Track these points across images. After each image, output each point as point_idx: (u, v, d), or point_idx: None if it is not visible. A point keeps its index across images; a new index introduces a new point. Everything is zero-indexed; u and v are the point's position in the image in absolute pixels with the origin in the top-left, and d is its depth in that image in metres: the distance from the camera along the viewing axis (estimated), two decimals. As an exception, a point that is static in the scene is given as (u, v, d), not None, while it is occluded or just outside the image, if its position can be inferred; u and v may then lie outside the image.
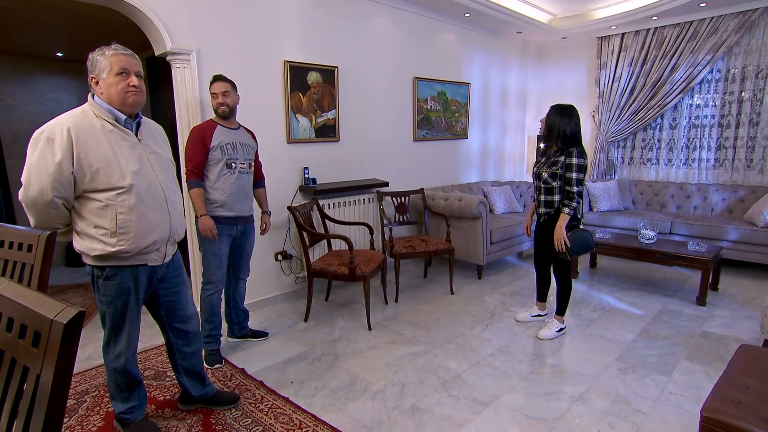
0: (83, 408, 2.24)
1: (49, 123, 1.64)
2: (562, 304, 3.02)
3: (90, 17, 3.47)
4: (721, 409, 1.48)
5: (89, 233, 1.71)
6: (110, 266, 1.77)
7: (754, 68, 4.68)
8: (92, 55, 1.72)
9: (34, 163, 1.61)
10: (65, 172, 1.61)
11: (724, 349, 2.81)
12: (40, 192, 1.61)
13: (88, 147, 1.64)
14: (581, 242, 2.86)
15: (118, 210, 1.70)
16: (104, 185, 1.67)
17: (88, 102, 1.74)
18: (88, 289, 4.13)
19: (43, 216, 1.67)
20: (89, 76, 1.73)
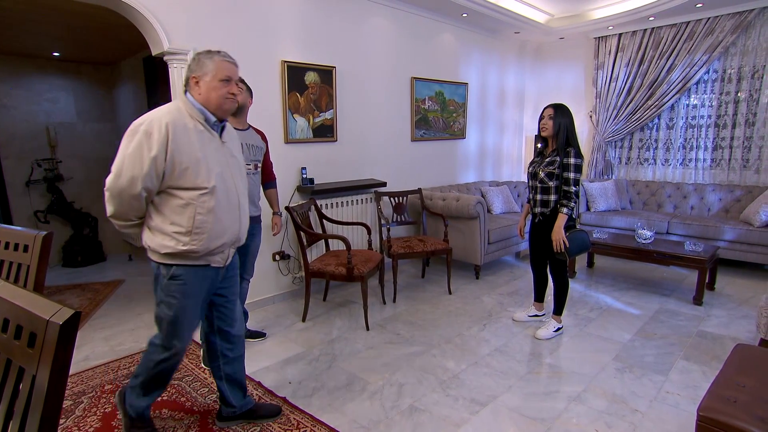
0: (80, 409, 2.23)
1: (147, 116, 1.65)
2: (559, 304, 3.03)
3: (87, 17, 3.46)
4: (717, 409, 1.49)
5: (164, 229, 1.70)
6: (176, 265, 1.74)
7: (750, 68, 4.70)
8: (199, 55, 1.75)
9: (130, 154, 1.61)
10: (158, 167, 1.62)
11: (721, 349, 2.82)
12: (131, 183, 1.61)
13: (182, 145, 1.65)
14: (579, 242, 2.87)
15: (198, 210, 1.69)
16: (189, 184, 1.67)
17: (180, 100, 1.75)
18: (85, 290, 4.12)
19: (125, 207, 1.66)
20: (190, 75, 1.74)
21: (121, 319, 3.43)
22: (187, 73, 1.77)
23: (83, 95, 5.27)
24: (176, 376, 2.53)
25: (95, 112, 5.38)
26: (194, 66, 1.74)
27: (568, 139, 2.78)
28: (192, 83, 1.74)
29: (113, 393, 2.37)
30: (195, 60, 1.75)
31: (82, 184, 5.32)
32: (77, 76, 5.20)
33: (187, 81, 1.77)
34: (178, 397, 2.33)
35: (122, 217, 1.70)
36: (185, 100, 1.74)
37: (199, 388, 2.42)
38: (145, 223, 1.74)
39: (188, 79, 1.75)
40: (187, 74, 1.76)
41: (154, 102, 4.45)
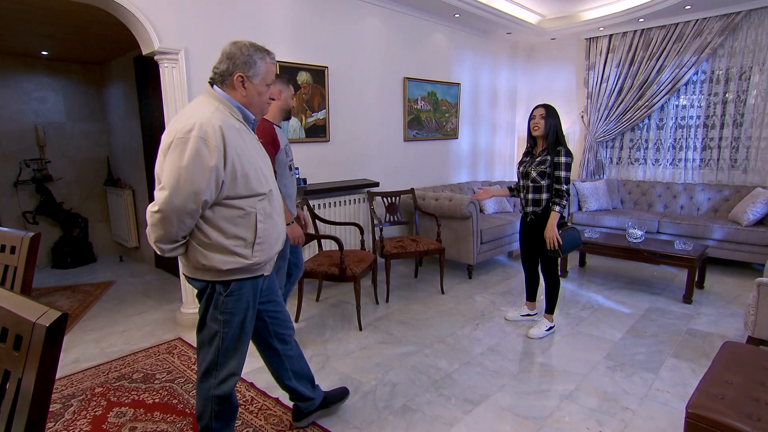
0: (69, 412, 2.21)
1: (190, 119, 1.42)
2: (551, 303, 3.05)
3: (76, 16, 3.42)
4: (705, 406, 1.51)
5: (223, 245, 1.50)
6: (235, 280, 1.57)
7: (738, 70, 4.76)
8: (249, 52, 1.53)
9: (186, 166, 1.37)
10: (218, 177, 1.43)
11: (710, 346, 2.86)
12: (190, 198, 1.39)
13: (238, 148, 1.47)
14: (571, 240, 2.90)
15: (258, 218, 1.53)
16: (248, 191, 1.50)
17: (213, 97, 1.54)
18: (75, 291, 4.07)
19: (176, 227, 1.43)
20: (235, 72, 1.53)
21: (111, 320, 3.39)
22: (230, 68, 1.53)
23: (72, 95, 5.21)
24: (168, 378, 2.52)
25: (85, 112, 5.32)
26: (242, 62, 1.52)
27: (558, 138, 2.81)
28: (236, 81, 1.54)
29: (104, 396, 2.35)
30: (243, 55, 1.53)
31: (71, 185, 5.26)
32: (66, 76, 5.14)
33: (225, 75, 1.54)
34: (170, 399, 2.32)
35: (171, 239, 1.46)
36: (221, 98, 1.54)
37: (192, 390, 2.40)
38: (194, 241, 1.51)
39: (230, 74, 1.53)
40: (230, 69, 1.53)
41: (146, 102, 4.41)
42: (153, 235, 1.46)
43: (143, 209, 4.90)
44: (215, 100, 1.53)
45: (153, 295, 3.98)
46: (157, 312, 3.55)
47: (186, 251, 1.54)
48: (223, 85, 1.56)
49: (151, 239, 1.47)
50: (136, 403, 2.28)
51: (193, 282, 1.62)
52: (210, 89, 1.56)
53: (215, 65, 1.57)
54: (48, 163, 4.99)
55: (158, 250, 1.50)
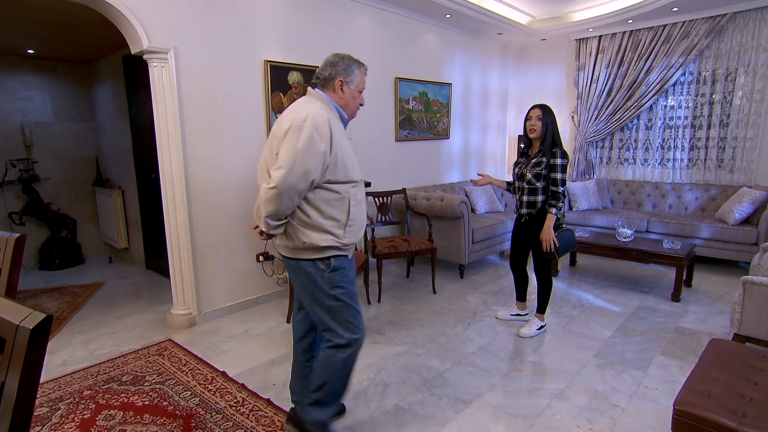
0: (57, 416, 2.18)
1: (304, 111, 1.65)
2: (543, 302, 3.06)
3: (63, 14, 3.37)
4: (692, 402, 1.53)
5: (321, 224, 1.70)
6: (333, 256, 1.76)
7: (724, 71, 4.83)
8: (349, 62, 1.80)
9: (301, 149, 1.60)
10: (326, 161, 1.65)
11: (697, 344, 2.90)
12: (303, 177, 1.61)
13: (339, 140, 1.70)
14: (567, 241, 2.90)
15: (351, 202, 1.74)
16: (344, 177, 1.72)
17: (317, 98, 1.78)
18: (63, 293, 4.02)
19: (287, 204, 1.64)
20: (337, 78, 1.77)
21: (100, 322, 3.35)
22: (332, 74, 1.78)
23: (60, 94, 5.14)
24: (158, 380, 2.50)
25: (73, 112, 5.26)
26: (342, 69, 1.78)
27: (554, 139, 2.80)
28: (336, 85, 1.78)
29: (92, 398, 2.32)
30: (344, 64, 1.78)
31: (59, 185, 5.19)
32: (53, 75, 5.07)
33: (327, 80, 1.78)
34: (160, 401, 2.30)
35: (280, 215, 1.67)
36: (323, 99, 1.78)
37: (182, 391, 2.38)
38: (295, 221, 1.71)
39: (332, 79, 1.78)
40: (332, 74, 1.78)
41: (135, 102, 4.36)
42: (264, 210, 1.65)
43: (133, 210, 4.87)
44: (318, 100, 1.77)
45: (143, 296, 3.94)
46: (147, 313, 3.52)
47: (286, 231, 1.74)
48: (324, 89, 1.81)
49: (263, 214, 1.66)
50: (125, 405, 2.26)
51: (292, 261, 1.79)
52: (312, 91, 1.81)
53: (318, 71, 1.82)
54: (35, 163, 4.92)
55: (265, 226, 1.68)
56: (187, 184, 3.12)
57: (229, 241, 3.43)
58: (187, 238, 3.15)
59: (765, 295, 2.42)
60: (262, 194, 1.65)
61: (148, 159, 4.18)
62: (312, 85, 1.83)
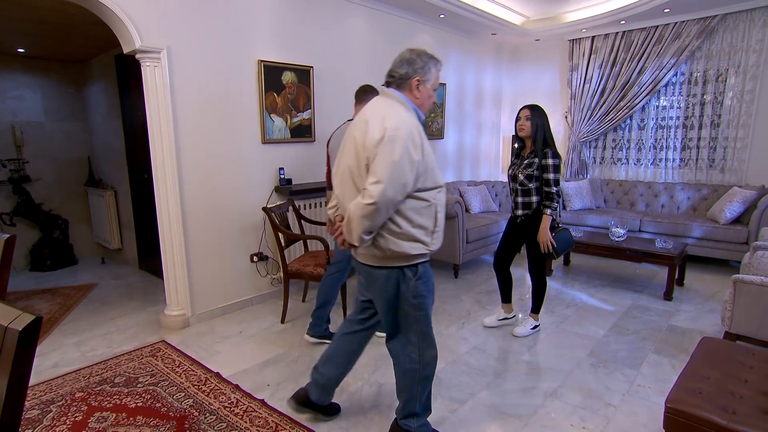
0: (48, 418, 2.16)
1: (393, 118, 1.58)
2: (537, 302, 3.07)
3: (54, 13, 3.35)
4: (683, 400, 1.54)
5: (411, 233, 1.66)
6: (421, 263, 1.75)
7: (715, 72, 4.88)
8: (425, 59, 1.72)
9: (398, 160, 1.53)
10: (419, 170, 1.60)
11: (689, 342, 2.92)
12: (400, 190, 1.56)
13: (426, 145, 1.64)
14: (564, 241, 2.90)
15: (438, 209, 1.70)
16: (433, 183, 1.67)
17: (393, 98, 1.70)
18: (55, 294, 3.99)
19: (384, 218, 1.59)
20: (414, 76, 1.70)
21: (93, 324, 3.33)
22: (409, 72, 1.70)
23: (51, 93, 5.09)
24: (151, 381, 2.48)
25: (64, 111, 5.21)
26: (419, 68, 1.70)
27: (546, 139, 2.80)
28: (413, 84, 1.70)
29: (84, 400, 2.30)
30: (421, 61, 1.70)
31: (51, 186, 5.15)
32: (45, 74, 5.03)
33: (404, 79, 1.70)
34: (153, 402, 2.28)
35: (374, 229, 1.62)
36: (401, 100, 1.70)
37: (175, 393, 2.37)
38: (384, 231, 1.65)
39: (409, 78, 1.70)
40: (409, 73, 1.70)
41: (128, 102, 4.33)
42: (361, 227, 1.59)
43: (126, 210, 4.83)
44: (399, 104, 1.68)
45: (136, 297, 3.91)
46: (141, 314, 3.50)
47: (374, 241, 1.68)
48: (400, 88, 1.72)
49: (358, 231, 1.60)
50: (117, 407, 2.25)
51: (377, 270, 1.74)
52: (388, 91, 1.72)
53: (393, 69, 1.73)
54: (26, 164, 4.87)
55: (359, 241, 1.63)
56: (180, 184, 3.10)
57: (223, 241, 3.41)
58: (180, 238, 3.13)
59: (755, 294, 2.45)
60: (357, 210, 1.57)
61: (141, 159, 4.15)
62: (386, 84, 1.75)
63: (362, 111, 1.74)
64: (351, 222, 1.61)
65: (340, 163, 1.74)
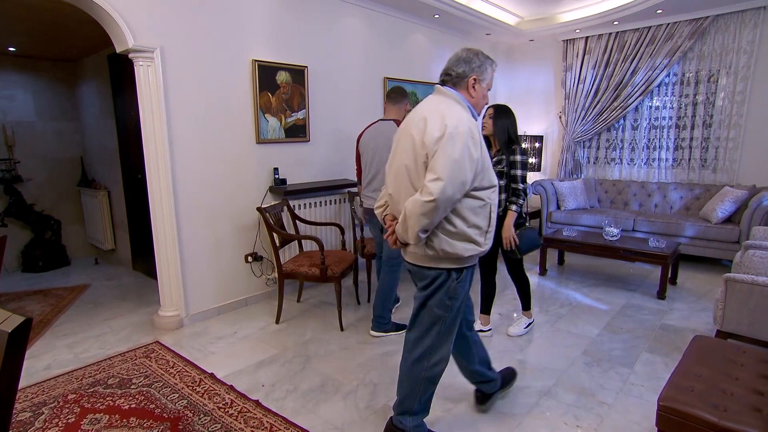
0: (40, 420, 2.14)
1: (453, 116, 1.59)
2: (525, 299, 3.07)
3: (45, 11, 3.32)
4: (676, 398, 1.55)
5: (466, 233, 1.65)
6: (467, 267, 1.74)
7: (707, 73, 4.92)
8: (482, 58, 1.73)
9: (458, 159, 1.53)
10: (477, 169, 1.60)
11: (682, 340, 2.94)
12: (460, 188, 1.56)
13: (483, 143, 1.64)
14: (529, 240, 2.82)
15: (492, 208, 1.69)
16: (489, 182, 1.66)
17: (450, 97, 1.70)
18: (47, 296, 3.95)
19: (440, 216, 1.58)
20: (471, 75, 1.70)
21: (86, 325, 3.30)
22: (466, 71, 1.71)
23: (43, 93, 5.05)
24: (145, 383, 2.47)
25: (56, 111, 5.17)
26: (476, 66, 1.71)
27: (511, 137, 2.76)
28: (470, 83, 1.71)
29: (77, 402, 2.28)
30: (478, 61, 1.71)
31: (43, 186, 5.10)
32: (36, 73, 4.98)
33: (461, 77, 1.71)
34: (147, 404, 2.27)
35: (431, 227, 1.61)
36: (457, 98, 1.70)
37: (169, 394, 2.36)
38: (439, 230, 1.64)
39: (466, 77, 1.71)
40: (466, 72, 1.71)
41: (121, 101, 4.31)
42: (419, 225, 1.57)
43: (119, 210, 4.80)
44: (456, 102, 1.69)
45: (130, 298, 3.89)
46: (134, 315, 3.48)
47: (427, 241, 1.66)
48: (456, 87, 1.73)
49: (416, 229, 1.59)
50: (111, 409, 2.23)
51: (425, 271, 1.73)
52: (445, 90, 1.72)
53: (450, 67, 1.73)
54: (17, 164, 4.82)
55: (415, 239, 1.62)
56: (174, 184, 3.08)
57: (217, 241, 3.40)
58: (174, 238, 3.12)
59: (746, 293, 2.47)
60: (416, 207, 1.56)
61: (135, 159, 4.13)
62: (442, 82, 1.76)
63: (417, 109, 1.73)
64: (408, 219, 1.59)
65: (393, 162, 1.73)
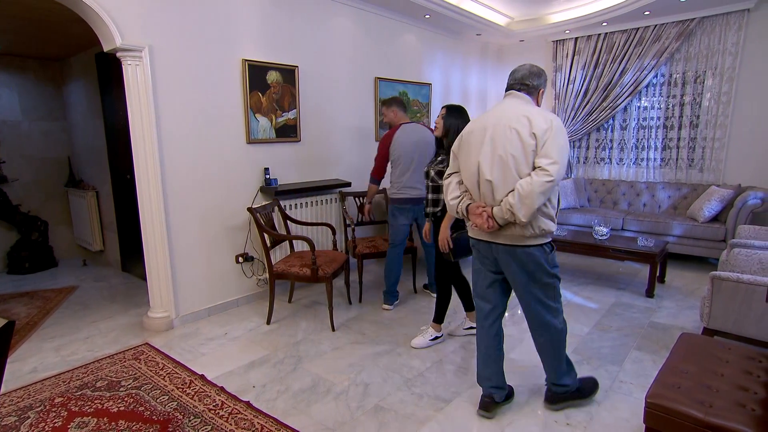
0: (26, 425, 2.11)
1: (549, 114, 1.92)
2: (439, 311, 2.92)
3: (31, 9, 3.27)
4: (663, 395, 1.57)
5: (550, 212, 1.95)
6: (553, 240, 2.05)
7: (693, 74, 4.99)
8: (545, 76, 2.09)
9: (565, 145, 1.87)
10: None
11: (669, 338, 2.98)
12: (563, 172, 1.86)
13: None
14: (464, 244, 2.61)
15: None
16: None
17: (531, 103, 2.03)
18: (34, 298, 3.90)
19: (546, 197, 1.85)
20: (541, 88, 2.08)
21: (74, 327, 3.26)
22: (539, 84, 2.07)
23: (29, 92, 4.97)
24: (134, 385, 2.44)
25: (43, 110, 5.09)
26: (543, 81, 2.07)
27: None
28: (540, 94, 2.09)
29: (64, 406, 2.25)
30: (544, 77, 2.08)
31: (29, 186, 5.03)
32: (22, 72, 4.91)
33: (535, 89, 2.06)
34: (136, 406, 2.25)
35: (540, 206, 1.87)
36: (532, 104, 2.03)
37: (159, 396, 2.34)
38: (538, 210, 1.89)
39: (538, 88, 2.07)
40: (539, 84, 2.07)
41: (109, 101, 4.26)
42: (538, 201, 1.83)
43: (108, 211, 4.75)
44: (533, 104, 2.03)
45: (119, 299, 3.84)
46: (123, 317, 3.44)
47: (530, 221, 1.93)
48: (529, 95, 2.05)
49: (534, 204, 1.83)
50: (99, 412, 2.21)
51: (521, 249, 1.98)
52: (522, 95, 2.04)
53: (527, 79, 2.05)
54: (2, 164, 4.74)
55: (530, 216, 1.85)
56: (163, 185, 3.06)
57: (207, 242, 3.37)
58: (164, 239, 3.09)
59: (732, 290, 2.51)
60: (536, 187, 1.80)
61: (124, 159, 4.08)
62: (517, 89, 2.05)
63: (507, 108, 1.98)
64: (526, 199, 1.82)
65: (494, 153, 1.93)
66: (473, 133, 2.03)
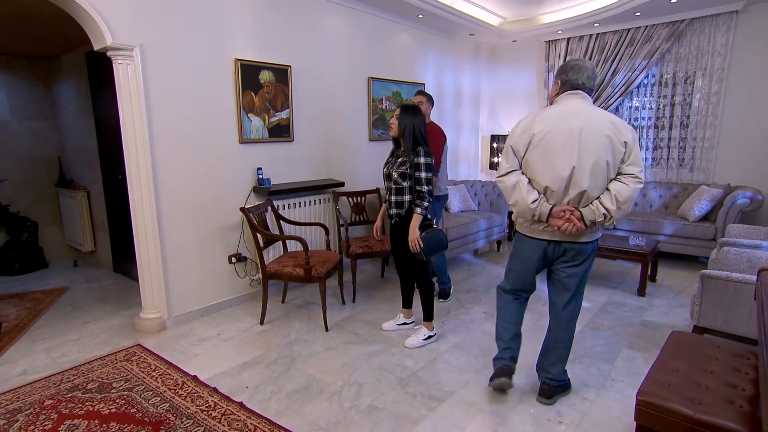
0: (15, 428, 2.08)
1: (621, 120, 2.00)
2: (427, 309, 2.96)
3: (20, 6, 3.23)
4: (653, 392, 1.59)
5: None
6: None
7: (683, 74, 5.04)
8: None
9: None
10: None
11: (661, 336, 3.01)
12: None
13: None
14: (435, 242, 2.76)
15: None
16: None
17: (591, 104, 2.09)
18: (23, 299, 3.85)
19: None
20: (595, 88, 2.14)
21: (64, 329, 3.23)
22: (594, 83, 2.12)
23: (18, 91, 4.92)
24: (126, 386, 2.42)
25: (32, 110, 5.03)
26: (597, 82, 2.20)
27: (417, 139, 2.72)
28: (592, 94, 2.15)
29: (54, 408, 2.23)
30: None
31: (19, 186, 4.97)
32: (10, 71, 4.85)
33: (593, 90, 2.13)
34: (128, 408, 2.23)
35: None
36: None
37: (151, 397, 2.32)
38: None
39: (594, 90, 2.18)
40: (594, 84, 2.12)
41: (100, 100, 4.22)
42: (630, 207, 1.98)
43: (99, 211, 4.70)
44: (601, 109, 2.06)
45: (110, 300, 3.81)
46: (115, 318, 3.41)
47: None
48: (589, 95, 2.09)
49: (628, 210, 1.98)
50: (90, 414, 2.19)
51: (589, 245, 2.12)
52: (588, 97, 2.07)
53: (590, 79, 2.07)
54: (-8, 164, 4.69)
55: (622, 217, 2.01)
56: (155, 185, 3.03)
57: (200, 242, 3.35)
58: (156, 239, 3.07)
59: (721, 289, 2.54)
60: (633, 194, 1.94)
61: (115, 159, 4.05)
62: (582, 89, 2.06)
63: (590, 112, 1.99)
64: (624, 204, 1.95)
65: (587, 159, 1.95)
66: (554, 133, 1.98)
